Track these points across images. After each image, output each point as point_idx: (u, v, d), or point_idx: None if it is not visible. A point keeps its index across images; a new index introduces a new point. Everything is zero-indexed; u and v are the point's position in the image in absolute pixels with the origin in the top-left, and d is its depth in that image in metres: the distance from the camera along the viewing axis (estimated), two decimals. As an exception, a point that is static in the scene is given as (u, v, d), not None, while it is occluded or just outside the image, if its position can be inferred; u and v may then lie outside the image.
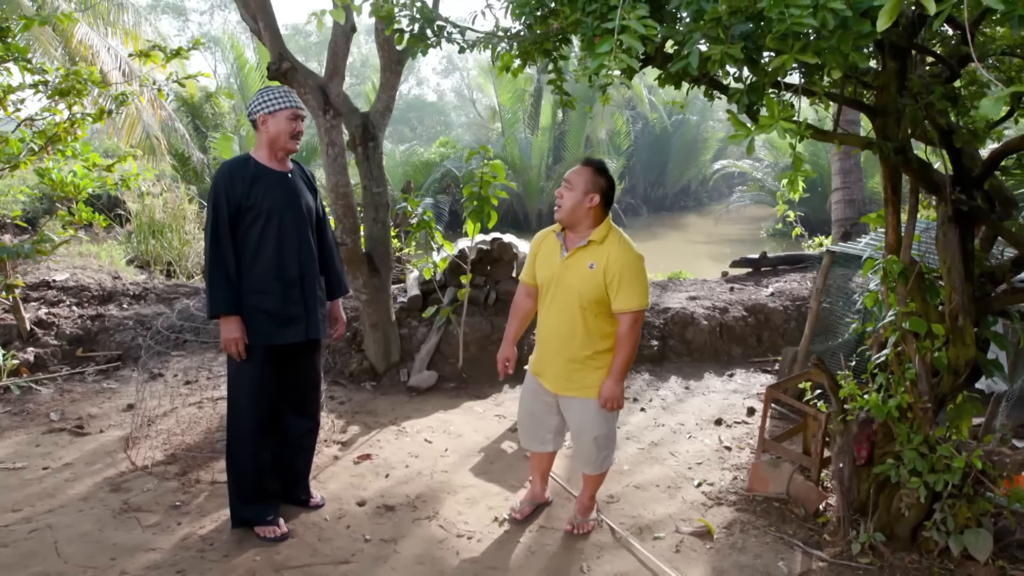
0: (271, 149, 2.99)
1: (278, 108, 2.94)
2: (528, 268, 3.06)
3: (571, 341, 2.86)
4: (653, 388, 5.09)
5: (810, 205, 15.66)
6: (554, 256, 2.91)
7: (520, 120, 19.54)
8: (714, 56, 1.69)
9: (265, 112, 2.93)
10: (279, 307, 2.98)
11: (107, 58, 11.60)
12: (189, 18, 37.68)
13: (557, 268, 2.88)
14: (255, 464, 3.05)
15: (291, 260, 3.01)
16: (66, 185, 5.42)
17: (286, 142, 2.98)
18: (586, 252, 2.82)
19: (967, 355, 2.84)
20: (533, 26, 2.69)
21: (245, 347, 2.93)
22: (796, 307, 5.96)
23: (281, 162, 3.04)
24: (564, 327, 2.88)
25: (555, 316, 2.90)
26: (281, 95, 2.98)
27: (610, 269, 2.76)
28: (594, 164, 2.89)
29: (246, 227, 2.93)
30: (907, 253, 2.97)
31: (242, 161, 2.98)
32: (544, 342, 2.97)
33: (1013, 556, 2.96)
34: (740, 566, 2.95)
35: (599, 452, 3.00)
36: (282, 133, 2.96)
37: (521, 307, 3.13)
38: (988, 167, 2.94)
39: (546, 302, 2.95)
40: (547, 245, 2.98)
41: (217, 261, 2.88)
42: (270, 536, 3.05)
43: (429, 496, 3.49)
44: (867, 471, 3.17)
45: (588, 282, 2.79)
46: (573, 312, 2.84)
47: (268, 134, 2.96)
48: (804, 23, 1.45)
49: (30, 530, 3.08)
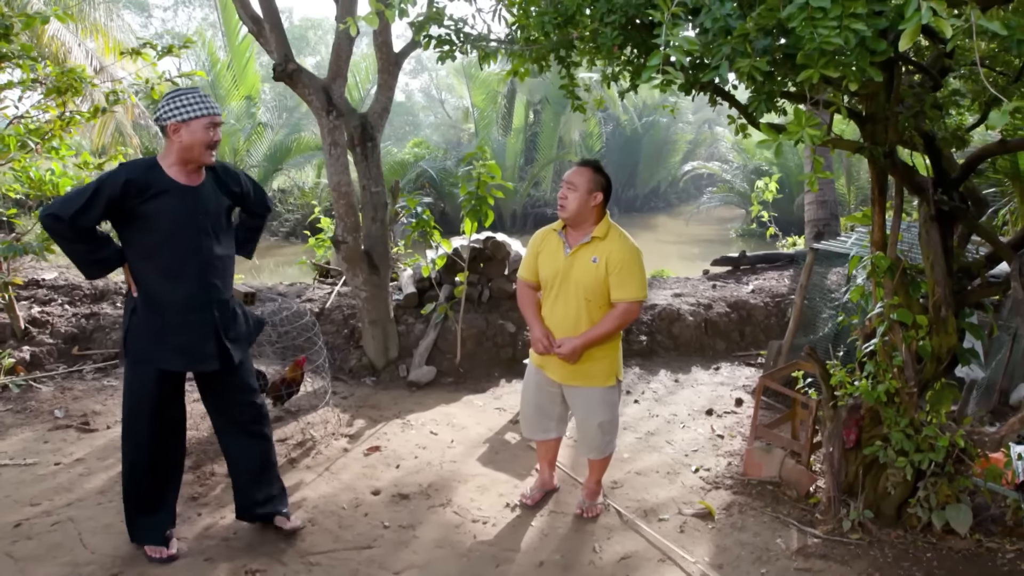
0: (182, 161, 2.64)
1: (193, 116, 2.59)
2: (530, 266, 3.19)
3: (576, 333, 3.01)
4: (644, 381, 5.29)
5: (778, 207, 16.12)
6: (558, 253, 3.06)
7: (493, 121, 19.70)
8: (743, 68, 1.87)
9: (177, 120, 2.58)
10: (164, 329, 2.70)
11: (79, 54, 11.43)
12: (152, 14, 36.98)
13: (562, 264, 3.03)
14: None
15: (186, 285, 2.69)
16: (44, 184, 5.40)
17: (200, 153, 2.63)
18: (589, 248, 3.00)
19: (949, 343, 3.08)
20: (551, 34, 2.84)
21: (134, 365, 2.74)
22: (776, 303, 6.22)
23: (191, 175, 2.69)
24: (570, 320, 3.03)
25: (561, 310, 3.06)
26: (196, 100, 2.61)
27: (612, 262, 2.95)
28: (592, 164, 3.06)
29: (133, 232, 2.64)
30: (893, 250, 3.20)
31: (145, 168, 2.62)
32: (552, 325, 3.10)
33: (988, 530, 3.20)
34: (741, 543, 3.14)
35: (603, 437, 3.19)
36: (197, 144, 2.61)
37: (531, 296, 3.22)
38: (966, 170, 3.18)
39: (550, 297, 3.11)
40: (549, 243, 3.13)
41: (52, 212, 2.51)
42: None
43: (441, 485, 3.62)
44: (855, 454, 3.40)
45: (592, 276, 2.97)
46: (579, 305, 3.01)
47: (181, 143, 2.60)
48: (832, 42, 1.63)
49: (52, 523, 3.12)
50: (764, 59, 1.86)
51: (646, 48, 2.77)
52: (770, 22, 1.82)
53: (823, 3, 1.64)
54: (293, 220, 17.21)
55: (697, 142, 25.99)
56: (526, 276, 3.22)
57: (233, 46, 16.65)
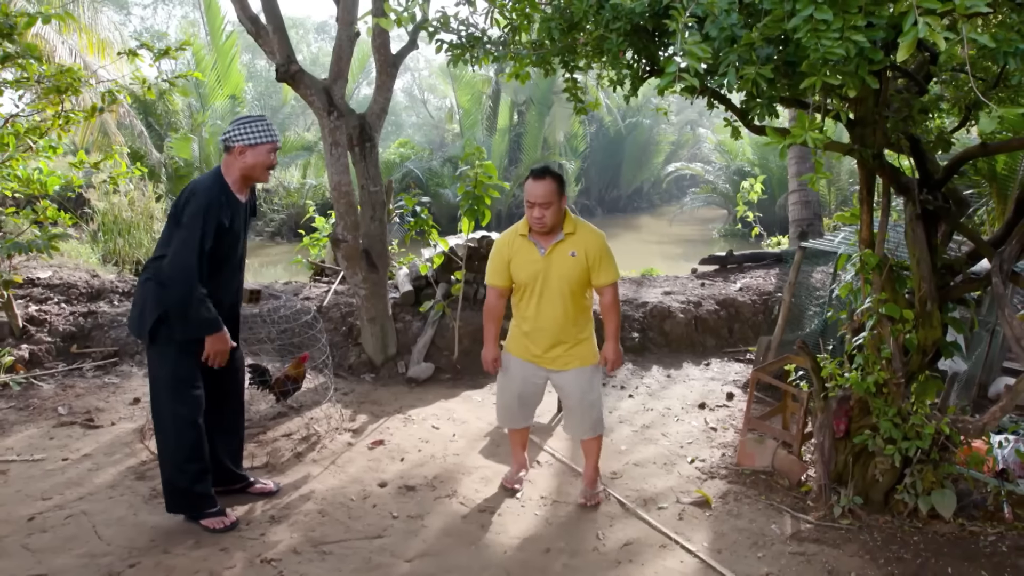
0: (243, 179, 3.00)
1: (259, 141, 2.93)
2: (499, 272, 3.31)
3: (565, 325, 3.25)
4: (637, 377, 5.42)
5: (761, 207, 16.39)
6: (532, 256, 3.23)
7: (478, 122, 19.80)
8: (748, 75, 1.99)
9: (244, 143, 2.92)
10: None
11: (63, 52, 11.34)
12: (132, 12, 36.58)
13: (540, 265, 3.21)
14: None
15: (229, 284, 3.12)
16: (32, 182, 5.41)
17: (261, 173, 3.00)
18: (565, 244, 3.21)
19: (934, 336, 3.24)
20: (557, 39, 2.94)
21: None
22: (763, 301, 6.39)
23: (243, 191, 3.05)
24: (558, 314, 3.24)
25: (547, 306, 3.24)
26: (264, 128, 2.96)
27: (590, 253, 3.20)
28: (550, 173, 3.15)
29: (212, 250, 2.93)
30: (881, 247, 3.35)
31: (218, 188, 2.94)
32: (537, 331, 3.29)
33: (971, 514, 3.36)
34: (738, 529, 3.28)
35: (594, 414, 3.38)
36: (259, 166, 2.97)
37: (496, 309, 3.39)
38: (949, 171, 3.34)
39: (533, 297, 3.27)
40: (519, 248, 3.27)
41: (194, 278, 2.83)
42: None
43: (445, 477, 3.71)
44: (845, 443, 3.55)
45: (573, 269, 3.19)
46: (564, 298, 3.23)
47: (244, 164, 2.95)
48: (835, 52, 1.75)
49: (65, 516, 3.18)
50: (768, 67, 1.98)
51: (648, 53, 2.89)
52: (775, 32, 1.95)
53: (826, 16, 1.76)
54: (279, 220, 17.17)
55: (680, 143, 26.29)
56: (496, 282, 3.34)
57: (217, 45, 16.59)
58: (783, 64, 2.18)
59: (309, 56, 34.34)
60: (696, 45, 1.85)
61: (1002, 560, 3.00)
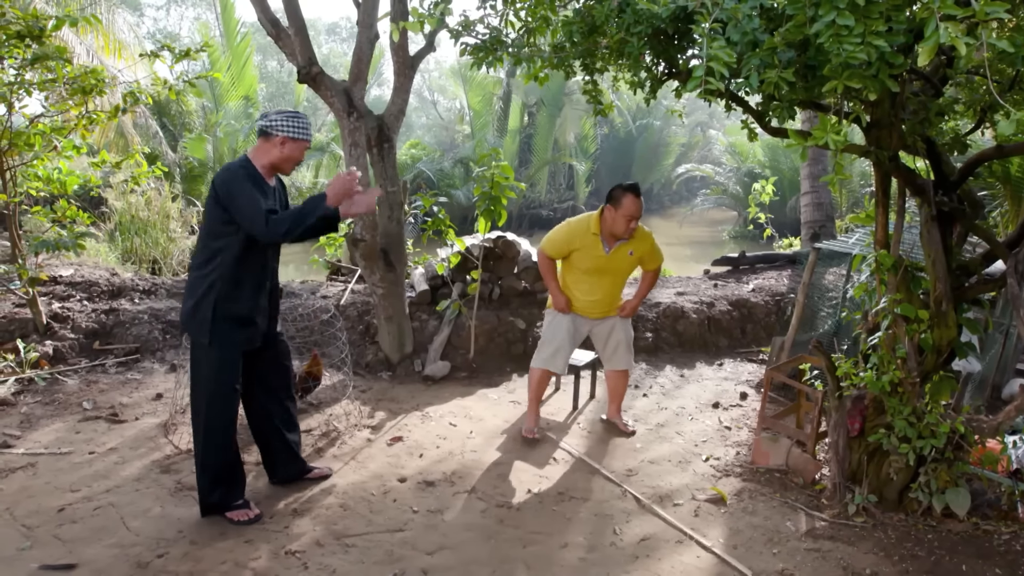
0: (273, 166, 3.12)
1: (302, 138, 3.10)
2: (559, 251, 4.10)
3: (614, 296, 4.21)
4: (651, 376, 5.47)
5: (772, 209, 16.39)
6: (597, 252, 4.02)
7: (489, 123, 19.87)
8: (770, 79, 2.04)
9: (288, 136, 3.06)
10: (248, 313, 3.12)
11: (81, 53, 11.48)
12: (144, 13, 36.90)
13: (603, 260, 4.03)
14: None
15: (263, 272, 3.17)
16: (52, 182, 5.50)
17: (289, 167, 3.18)
18: (627, 245, 4.06)
19: (949, 336, 3.27)
20: (578, 42, 3.00)
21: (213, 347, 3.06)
22: (776, 302, 6.42)
23: (269, 178, 3.17)
24: (615, 291, 4.19)
25: (600, 291, 4.11)
26: (306, 125, 3.14)
27: (644, 251, 4.11)
28: (639, 191, 3.96)
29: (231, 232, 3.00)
30: (896, 248, 3.39)
31: (250, 167, 3.06)
32: (590, 302, 4.14)
33: (984, 513, 3.39)
34: (753, 526, 3.32)
35: (629, 350, 4.29)
36: (292, 159, 3.13)
37: (552, 268, 4.17)
38: (964, 173, 3.37)
39: (589, 282, 4.10)
40: (587, 242, 4.02)
41: (269, 218, 2.92)
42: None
43: (464, 472, 3.77)
44: (859, 442, 3.58)
45: (629, 264, 4.11)
46: (615, 283, 4.16)
47: (281, 154, 3.08)
48: (857, 57, 1.80)
49: (94, 508, 3.25)
50: (790, 70, 2.03)
51: (667, 57, 2.94)
52: (797, 37, 1.99)
53: (848, 21, 1.81)
54: (290, 220, 17.23)
55: (690, 145, 26.28)
56: (552, 254, 4.13)
57: (232, 46, 16.74)
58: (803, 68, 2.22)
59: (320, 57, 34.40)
60: (721, 49, 1.90)
61: (1016, 559, 3.02)
